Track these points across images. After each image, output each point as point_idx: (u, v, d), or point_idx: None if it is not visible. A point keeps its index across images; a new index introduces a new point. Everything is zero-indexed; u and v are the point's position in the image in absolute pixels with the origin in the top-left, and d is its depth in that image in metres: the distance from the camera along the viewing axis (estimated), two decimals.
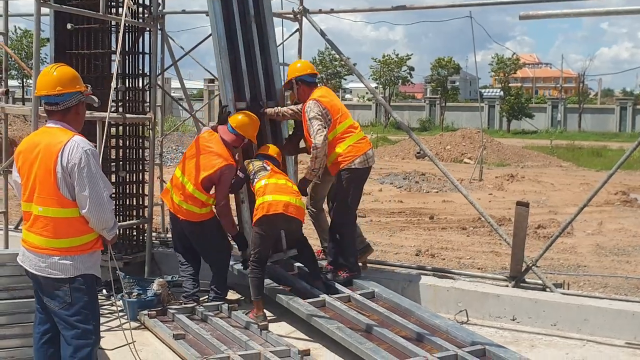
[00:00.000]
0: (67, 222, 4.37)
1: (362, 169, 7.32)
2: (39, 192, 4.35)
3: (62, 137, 4.35)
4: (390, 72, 64.96)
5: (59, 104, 4.43)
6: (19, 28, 52.26)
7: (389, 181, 21.69)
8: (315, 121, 7.08)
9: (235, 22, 7.63)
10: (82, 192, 4.31)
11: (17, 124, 27.03)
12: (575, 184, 22.00)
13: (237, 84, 7.58)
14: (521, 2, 9.03)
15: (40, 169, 4.34)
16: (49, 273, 4.38)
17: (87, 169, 4.30)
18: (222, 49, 7.44)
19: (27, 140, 4.61)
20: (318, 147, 7.01)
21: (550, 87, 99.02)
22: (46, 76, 4.47)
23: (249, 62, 7.77)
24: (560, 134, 50.52)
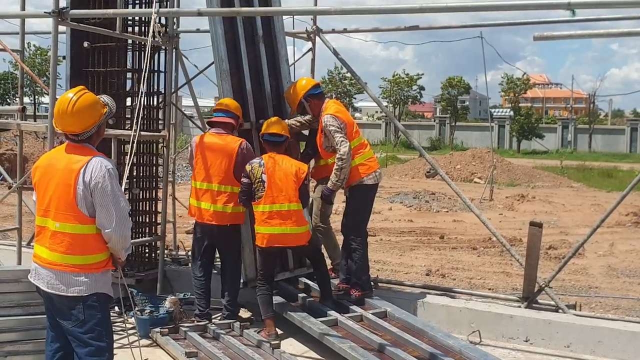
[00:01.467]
0: (83, 238, 4.37)
1: (372, 184, 7.37)
2: (57, 208, 4.36)
3: (84, 155, 4.39)
4: (400, 92, 65.08)
5: (78, 136, 4.46)
6: (34, 45, 52.69)
7: (399, 200, 21.66)
8: (337, 133, 7.09)
9: (240, 44, 7.70)
10: (105, 210, 4.33)
11: (30, 140, 27.20)
12: (586, 204, 21.91)
13: (242, 105, 7.62)
14: (533, 23, 9.10)
15: (60, 185, 4.35)
16: (63, 291, 4.35)
17: (110, 187, 4.33)
18: (223, 71, 7.52)
19: (46, 156, 4.66)
20: (344, 158, 7.01)
21: (561, 108, 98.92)
22: (64, 114, 4.43)
23: (256, 82, 7.81)
24: (571, 155, 50.37)
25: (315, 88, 7.55)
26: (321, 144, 7.35)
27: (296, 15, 9.14)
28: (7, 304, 5.54)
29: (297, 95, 7.54)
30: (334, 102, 7.60)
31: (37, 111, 54.67)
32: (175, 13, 8.13)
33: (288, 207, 6.75)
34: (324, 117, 7.24)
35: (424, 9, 6.20)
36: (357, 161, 7.24)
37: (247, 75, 7.72)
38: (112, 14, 7.49)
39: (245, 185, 6.84)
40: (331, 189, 7.21)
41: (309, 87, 7.52)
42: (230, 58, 7.63)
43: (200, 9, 7.16)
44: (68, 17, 7.10)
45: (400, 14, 8.57)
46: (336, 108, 7.40)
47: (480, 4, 6.03)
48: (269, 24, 8.03)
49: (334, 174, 7.10)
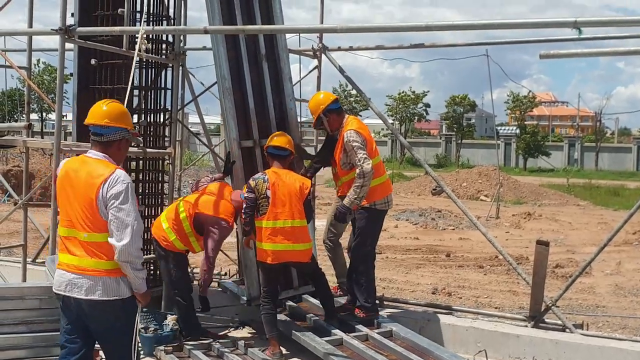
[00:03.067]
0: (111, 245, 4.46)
1: (381, 210, 7.34)
2: (84, 220, 4.46)
3: (105, 169, 4.50)
4: (406, 109, 65.18)
5: (103, 135, 4.60)
6: (42, 62, 52.96)
7: (405, 217, 21.61)
8: (360, 150, 6.99)
9: (243, 62, 7.73)
10: (117, 220, 4.40)
11: (36, 157, 27.26)
12: (593, 223, 21.83)
13: (245, 123, 7.65)
14: (539, 42, 9.09)
15: (83, 198, 4.46)
16: (100, 295, 4.45)
17: (125, 199, 4.42)
18: (226, 89, 7.53)
19: (65, 166, 4.72)
20: (366, 175, 6.92)
21: (567, 126, 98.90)
22: (97, 108, 4.69)
23: (259, 100, 7.83)
24: (577, 173, 50.28)
25: (334, 103, 7.41)
26: (339, 160, 7.27)
27: (302, 34, 9.15)
28: (12, 321, 5.52)
29: (315, 110, 7.42)
30: (355, 118, 7.52)
31: (44, 128, 54.92)
32: (182, 31, 8.16)
33: (292, 224, 6.73)
34: (346, 132, 7.13)
35: (430, 27, 6.20)
36: (374, 182, 7.13)
37: (250, 94, 7.74)
38: (119, 32, 7.52)
39: (250, 200, 6.76)
40: (347, 206, 7.07)
41: (327, 102, 7.38)
42: (233, 76, 7.65)
43: (206, 27, 7.19)
44: (75, 35, 7.14)
45: (407, 32, 8.59)
46: (358, 124, 7.30)
47: (487, 22, 6.03)
48: (272, 42, 8.05)
49: (354, 191, 6.98)
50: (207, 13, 7.61)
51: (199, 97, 9.47)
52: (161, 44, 8.50)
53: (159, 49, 8.51)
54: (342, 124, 7.30)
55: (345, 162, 7.21)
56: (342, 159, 7.22)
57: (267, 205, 6.71)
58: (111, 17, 8.14)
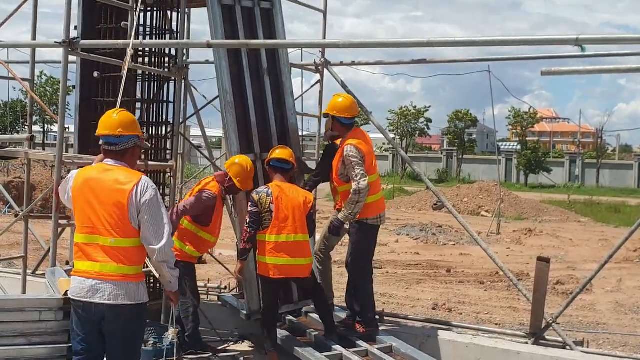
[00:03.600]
0: (135, 250, 4.67)
1: (373, 225, 7.35)
2: (110, 225, 4.59)
3: (133, 175, 4.70)
4: (408, 124, 65.27)
5: (117, 144, 4.76)
6: (45, 74, 53.08)
7: (406, 232, 21.59)
8: (358, 167, 7.02)
9: (245, 76, 7.76)
10: (151, 226, 4.60)
11: (37, 168, 27.27)
12: (594, 239, 21.80)
13: (246, 137, 7.68)
14: (541, 58, 9.12)
15: (110, 204, 4.60)
16: (124, 299, 4.60)
17: (156, 204, 4.65)
18: (227, 103, 7.56)
19: (83, 174, 4.83)
20: (362, 191, 6.94)
21: (568, 142, 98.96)
22: (109, 118, 4.82)
23: (261, 114, 7.85)
24: (578, 189, 50.24)
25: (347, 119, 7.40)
26: (337, 170, 7.27)
27: (304, 48, 9.18)
28: (11, 334, 5.48)
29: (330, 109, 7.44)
30: (360, 131, 7.54)
31: (46, 139, 54.96)
32: (185, 44, 8.18)
33: (294, 238, 6.73)
34: (346, 145, 7.16)
35: (431, 43, 6.22)
36: (369, 199, 7.16)
37: (251, 107, 7.77)
38: (122, 45, 7.54)
39: (254, 214, 6.73)
40: (342, 221, 7.12)
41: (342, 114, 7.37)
42: (235, 90, 7.68)
43: (209, 41, 7.22)
44: (78, 48, 7.16)
45: (408, 47, 8.62)
46: (359, 140, 7.27)
47: (488, 39, 6.05)
48: (274, 56, 8.09)
49: (348, 206, 7.02)
50: (210, 27, 7.66)
51: (201, 110, 9.49)
52: (164, 57, 8.52)
53: (162, 62, 8.53)
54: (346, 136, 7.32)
55: (343, 174, 7.22)
56: (339, 169, 7.24)
57: (270, 219, 6.69)
58: (114, 30, 8.16)
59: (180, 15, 8.18)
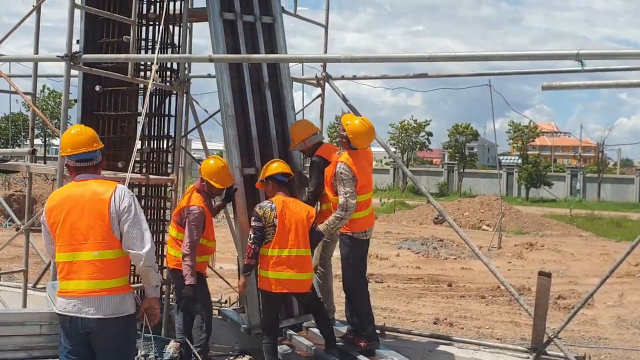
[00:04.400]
0: (119, 261, 4.65)
1: (359, 239, 7.35)
2: (93, 238, 4.59)
3: (108, 185, 4.71)
4: (408, 138, 65.31)
5: (93, 159, 4.79)
6: (48, 88, 53.17)
7: (407, 246, 21.56)
8: (349, 183, 7.01)
9: (246, 90, 7.81)
10: (132, 233, 4.60)
11: (39, 182, 27.33)
12: (595, 254, 21.75)
13: (247, 151, 7.71)
14: (541, 73, 9.15)
15: (90, 217, 4.59)
16: (110, 314, 4.58)
17: (135, 210, 4.65)
18: (228, 117, 7.60)
19: (59, 194, 4.82)
20: (349, 210, 6.95)
21: (569, 156, 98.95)
22: (80, 135, 4.83)
23: (262, 128, 7.88)
24: (579, 203, 50.14)
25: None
26: (331, 184, 7.23)
27: (306, 63, 9.21)
28: (12, 347, 5.47)
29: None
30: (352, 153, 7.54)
31: (48, 153, 55.00)
32: (186, 59, 8.21)
33: (297, 253, 6.72)
34: (339, 162, 7.14)
35: (432, 57, 6.25)
36: (358, 214, 7.20)
37: (253, 122, 7.80)
38: (124, 59, 7.58)
39: (258, 230, 6.69)
40: (323, 233, 7.13)
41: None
42: (236, 104, 7.72)
43: (211, 55, 7.24)
44: (80, 61, 7.19)
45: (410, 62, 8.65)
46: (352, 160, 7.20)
47: (489, 54, 6.08)
48: (275, 70, 8.13)
49: (333, 221, 7.00)
50: (212, 42, 7.69)
51: (203, 123, 9.51)
52: (166, 71, 8.55)
53: (164, 76, 8.56)
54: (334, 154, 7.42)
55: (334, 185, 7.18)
56: (332, 182, 7.20)
57: (273, 233, 6.69)
58: (116, 45, 8.20)
59: (182, 30, 8.20)
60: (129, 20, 7.67)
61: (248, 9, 8.04)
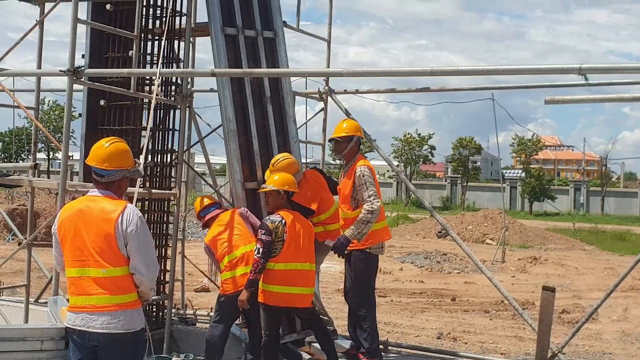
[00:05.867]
0: (127, 278, 4.65)
1: (375, 255, 7.35)
2: (100, 256, 4.59)
3: (116, 205, 4.68)
4: (412, 151, 65.33)
5: (104, 176, 4.76)
6: (54, 102, 53.36)
7: (410, 260, 21.52)
8: (372, 186, 7.06)
9: (248, 104, 7.84)
10: (139, 256, 4.61)
11: (42, 196, 27.34)
12: (599, 268, 21.67)
13: (249, 165, 7.73)
14: (544, 87, 9.14)
15: (98, 235, 4.60)
16: (120, 328, 4.59)
17: (142, 233, 4.65)
18: (230, 131, 7.64)
19: (71, 207, 4.82)
20: (374, 212, 6.95)
21: (573, 170, 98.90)
22: (98, 149, 4.81)
23: (264, 142, 7.90)
24: (583, 217, 50.07)
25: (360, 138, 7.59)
26: (348, 194, 7.21)
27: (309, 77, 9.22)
28: None
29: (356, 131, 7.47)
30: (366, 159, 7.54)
31: (51, 167, 55.09)
32: (189, 73, 8.23)
33: (302, 267, 6.76)
34: (359, 166, 7.18)
35: (435, 72, 6.24)
36: (376, 226, 7.15)
37: (254, 136, 7.84)
38: (127, 74, 7.58)
39: (267, 244, 6.62)
40: (348, 239, 7.04)
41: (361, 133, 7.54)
42: (238, 118, 7.76)
43: (214, 69, 7.25)
44: (83, 76, 7.20)
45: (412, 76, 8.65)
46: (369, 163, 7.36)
47: (491, 68, 6.06)
48: (277, 85, 8.17)
49: (358, 225, 6.96)
50: (213, 56, 7.73)
51: (205, 137, 9.52)
52: (170, 85, 8.57)
53: (168, 90, 8.57)
54: (354, 159, 7.37)
55: (354, 197, 7.19)
56: (351, 193, 7.20)
57: (280, 248, 6.68)
58: (121, 59, 8.21)
59: (185, 44, 8.22)
60: (132, 35, 7.69)
61: (250, 24, 8.09)
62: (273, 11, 8.36)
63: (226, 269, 7.02)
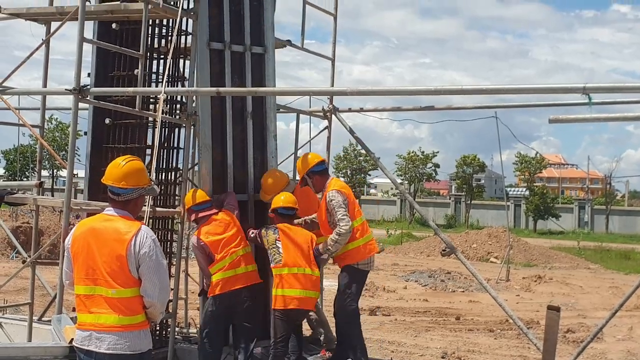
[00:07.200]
0: (137, 299, 4.65)
1: (363, 271, 7.45)
2: (111, 276, 4.59)
3: (130, 226, 4.67)
4: (415, 169, 65.32)
5: (120, 195, 4.75)
6: (55, 119, 53.50)
7: (414, 279, 21.44)
8: (340, 209, 7.19)
9: (227, 119, 8.01)
10: (150, 279, 4.61)
11: (46, 213, 27.34)
12: (604, 287, 21.58)
13: (222, 178, 7.98)
14: (548, 106, 9.16)
15: (110, 255, 4.60)
16: (127, 349, 4.59)
17: (155, 256, 4.65)
18: (204, 145, 7.86)
19: (86, 224, 4.85)
20: (342, 234, 7.10)
21: (577, 188, 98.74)
22: (115, 168, 4.82)
23: (240, 156, 8.10)
24: (588, 235, 49.90)
25: (319, 165, 7.70)
26: (325, 220, 7.43)
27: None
28: None
29: (300, 171, 7.75)
30: (337, 180, 7.78)
31: (55, 184, 55.21)
32: (194, 92, 8.25)
33: (304, 271, 7.09)
34: (328, 192, 7.35)
35: (439, 91, 6.26)
36: (359, 242, 7.32)
37: (229, 149, 8.04)
38: (132, 92, 7.62)
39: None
40: (320, 251, 7.30)
41: (312, 164, 7.67)
42: (215, 132, 7.94)
43: (219, 88, 7.31)
44: (88, 95, 7.23)
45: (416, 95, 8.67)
46: (341, 184, 7.56)
47: (495, 87, 6.09)
48: (260, 99, 8.33)
49: (329, 243, 7.19)
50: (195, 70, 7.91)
51: None
52: (175, 104, 8.60)
53: (173, 109, 8.60)
54: (325, 186, 7.49)
55: (331, 222, 7.36)
56: (327, 219, 7.39)
57: (279, 254, 7.08)
58: (127, 78, 8.25)
59: (190, 63, 8.26)
60: (137, 53, 7.73)
61: (239, 39, 8.21)
62: (265, 27, 8.45)
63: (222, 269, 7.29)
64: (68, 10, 7.85)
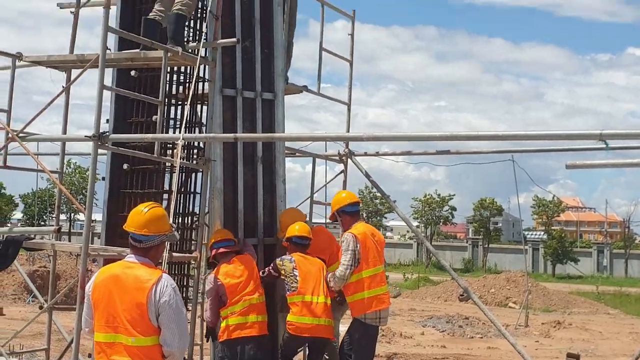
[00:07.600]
0: (156, 348, 4.62)
1: (371, 326, 7.38)
2: (131, 325, 4.58)
3: (151, 274, 4.68)
4: (432, 212, 65.13)
5: (142, 242, 4.77)
6: (74, 163, 54.04)
7: (432, 324, 21.19)
8: (346, 254, 7.28)
9: (238, 164, 8.11)
10: (170, 328, 4.59)
11: (63, 257, 27.40)
12: (624, 332, 21.23)
13: (232, 222, 8.01)
14: (564, 150, 9.13)
15: (131, 303, 4.59)
16: None
17: (175, 305, 4.64)
18: (216, 190, 7.93)
19: (108, 271, 4.84)
20: (336, 278, 7.26)
21: (595, 232, 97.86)
22: (137, 214, 4.83)
23: (250, 200, 8.18)
24: (607, 280, 49.31)
25: (351, 205, 7.78)
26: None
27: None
28: None
29: (333, 207, 7.88)
30: (363, 225, 7.71)
31: (72, 228, 55.47)
32: (212, 138, 8.32)
33: (318, 300, 7.20)
34: (346, 234, 7.46)
35: (455, 136, 6.29)
36: (364, 294, 7.30)
37: (241, 194, 8.12)
38: (151, 139, 7.69)
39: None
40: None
41: (344, 203, 7.77)
42: (227, 177, 8.03)
43: (236, 135, 7.38)
44: (108, 142, 7.30)
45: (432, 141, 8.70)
46: (362, 230, 7.53)
47: (511, 133, 6.09)
48: (270, 145, 8.43)
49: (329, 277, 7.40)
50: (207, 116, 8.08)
51: None
52: (192, 149, 8.67)
53: (190, 154, 8.67)
54: (350, 227, 7.55)
55: None
56: None
57: (295, 282, 7.22)
58: (145, 124, 8.34)
59: (208, 109, 8.35)
60: (156, 100, 7.82)
61: (250, 86, 8.37)
62: (275, 74, 8.62)
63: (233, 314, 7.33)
64: (89, 58, 7.96)
